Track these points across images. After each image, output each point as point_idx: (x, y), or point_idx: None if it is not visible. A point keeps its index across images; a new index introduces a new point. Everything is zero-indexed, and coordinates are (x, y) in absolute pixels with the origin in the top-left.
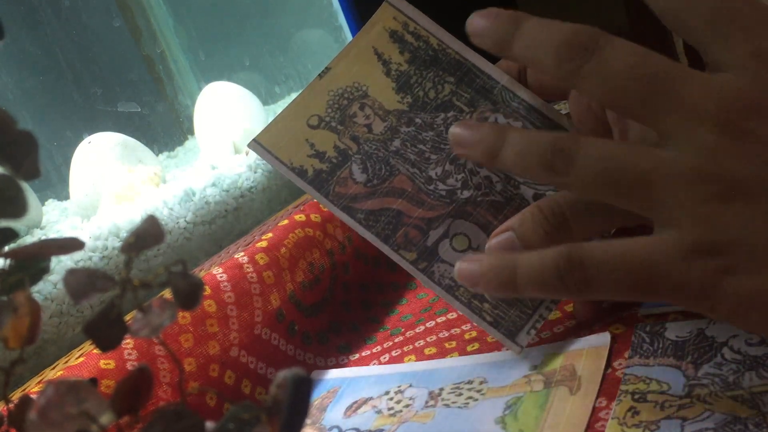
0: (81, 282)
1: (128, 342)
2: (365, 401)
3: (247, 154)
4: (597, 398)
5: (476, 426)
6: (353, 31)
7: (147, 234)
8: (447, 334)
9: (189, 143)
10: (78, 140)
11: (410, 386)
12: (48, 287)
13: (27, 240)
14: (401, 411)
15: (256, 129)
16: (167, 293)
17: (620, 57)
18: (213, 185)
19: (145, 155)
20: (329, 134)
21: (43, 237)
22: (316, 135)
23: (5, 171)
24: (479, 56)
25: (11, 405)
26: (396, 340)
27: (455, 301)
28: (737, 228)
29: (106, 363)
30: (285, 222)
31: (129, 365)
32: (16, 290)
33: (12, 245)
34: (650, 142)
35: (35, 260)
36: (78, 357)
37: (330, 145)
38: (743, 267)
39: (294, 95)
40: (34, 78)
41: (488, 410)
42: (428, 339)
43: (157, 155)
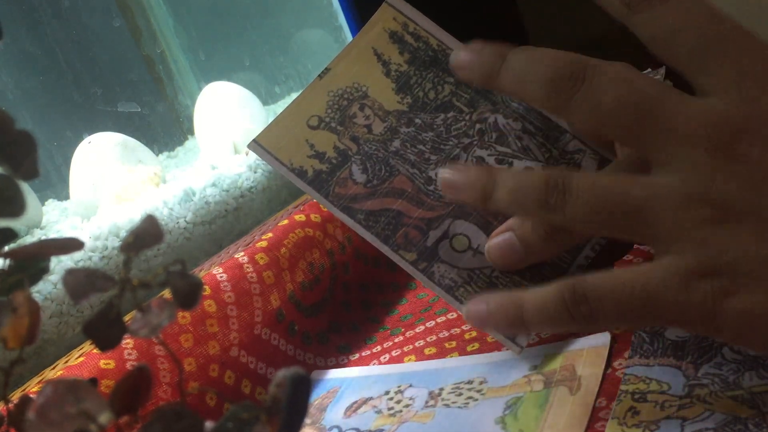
0: (81, 282)
1: (128, 342)
2: (365, 401)
3: (247, 154)
4: (597, 398)
5: (476, 426)
6: (353, 31)
7: (146, 234)
8: (447, 334)
9: (189, 143)
10: (78, 140)
11: (410, 386)
12: (48, 287)
13: (27, 240)
14: (401, 411)
15: (256, 129)
16: (167, 293)
17: (609, 86)
18: (213, 185)
19: (145, 155)
20: (329, 135)
21: (43, 237)
22: (316, 135)
23: (4, 171)
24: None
25: (11, 405)
26: (396, 340)
27: (455, 301)
28: (733, 249)
29: (106, 363)
30: (285, 222)
31: (129, 365)
32: (16, 290)
33: (12, 245)
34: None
35: (35, 260)
36: (78, 357)
37: (330, 146)
38: (742, 287)
39: (294, 95)
40: (34, 78)
41: (488, 410)
42: (428, 339)
43: (157, 155)
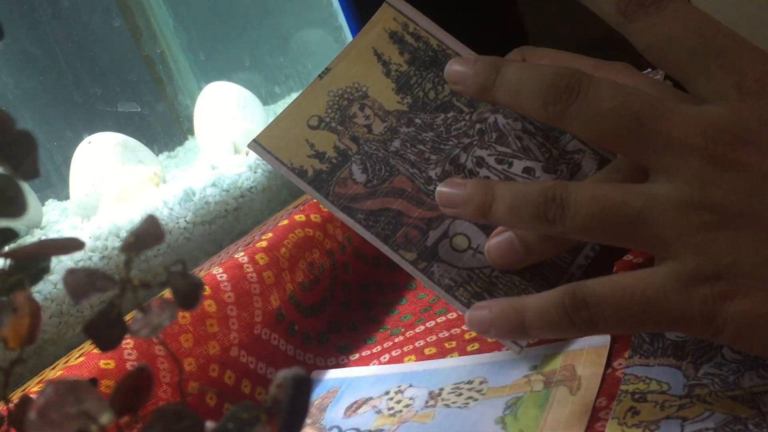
0: (81, 282)
1: (128, 342)
2: (365, 401)
3: (247, 154)
4: (597, 398)
5: (476, 426)
6: (353, 31)
7: (147, 234)
8: (447, 334)
9: (189, 143)
10: (78, 140)
11: (410, 386)
12: (48, 287)
13: (27, 240)
14: (401, 411)
15: (256, 129)
16: (167, 293)
17: (605, 97)
18: (213, 185)
19: (145, 155)
20: (329, 135)
21: (43, 237)
22: (316, 135)
23: (5, 171)
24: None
25: (11, 405)
26: (396, 340)
27: (455, 301)
28: (732, 253)
29: (106, 363)
30: (285, 222)
31: (129, 365)
32: (16, 290)
33: (12, 245)
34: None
35: (35, 260)
36: (78, 357)
37: (330, 146)
38: (742, 291)
39: (294, 95)
40: (34, 78)
41: (488, 410)
42: (428, 339)
43: (157, 155)
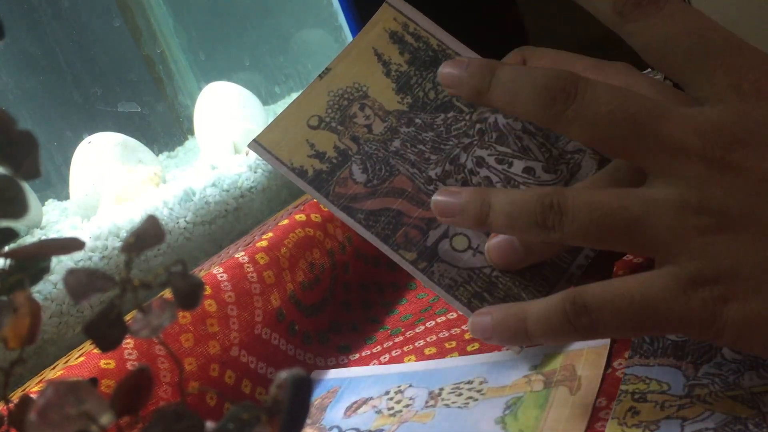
0: (81, 282)
1: (128, 342)
2: (365, 401)
3: (247, 154)
4: (597, 398)
5: (476, 426)
6: (353, 31)
7: (147, 234)
8: (447, 334)
9: (189, 143)
10: (78, 140)
11: (410, 386)
12: (48, 287)
13: (27, 240)
14: (401, 411)
15: (256, 129)
16: (167, 293)
17: (601, 100)
18: (213, 185)
19: (145, 155)
20: (329, 134)
21: (43, 237)
22: (317, 135)
23: (5, 171)
24: (479, 57)
25: (11, 405)
26: (396, 340)
27: (455, 301)
28: (730, 257)
29: (107, 363)
30: (285, 222)
31: (129, 365)
32: (16, 290)
33: (12, 245)
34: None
35: (35, 260)
36: (78, 357)
37: (330, 146)
38: (741, 293)
39: (294, 95)
40: (34, 78)
41: (488, 410)
42: (428, 339)
43: (157, 155)
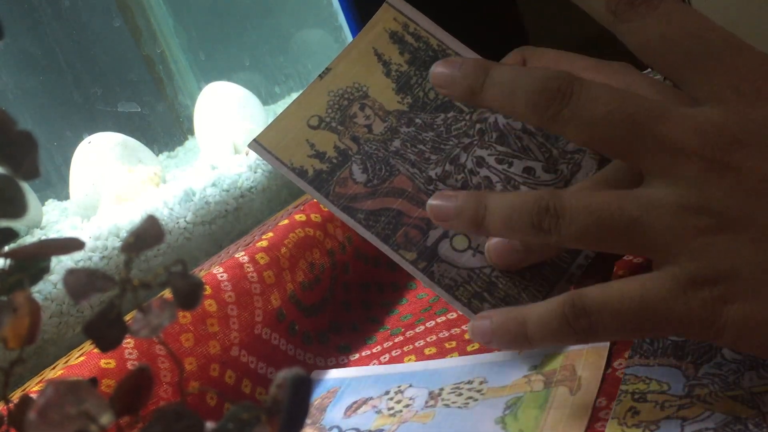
0: (81, 282)
1: (129, 341)
2: (365, 401)
3: (247, 154)
4: (597, 398)
5: (476, 426)
6: (353, 31)
7: (147, 234)
8: (447, 334)
9: (189, 143)
10: (78, 140)
11: (410, 386)
12: (48, 287)
13: (27, 240)
14: (401, 411)
15: (256, 129)
16: (167, 293)
17: (598, 101)
18: (213, 185)
19: (145, 155)
20: (329, 134)
21: (43, 237)
22: (317, 135)
23: (5, 171)
24: (479, 57)
25: (11, 405)
26: (396, 340)
27: (455, 301)
28: (730, 258)
29: (107, 362)
30: (285, 222)
31: (130, 365)
32: (16, 290)
33: (12, 245)
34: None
35: (35, 260)
36: (78, 357)
37: (330, 146)
38: (740, 295)
39: (294, 95)
40: (34, 78)
41: (488, 410)
42: (428, 339)
43: (157, 155)
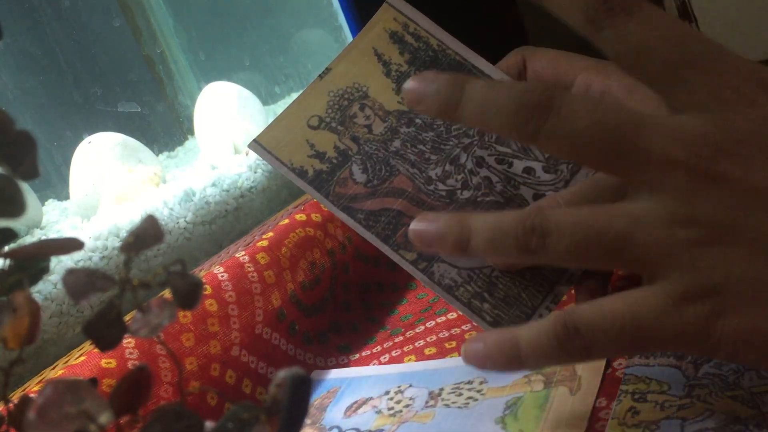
0: (81, 282)
1: (129, 341)
2: (365, 401)
3: (247, 154)
4: (597, 398)
5: (476, 426)
6: (353, 31)
7: (146, 234)
8: (447, 334)
9: (189, 143)
10: (78, 140)
11: (410, 386)
12: (48, 287)
13: (27, 240)
14: (401, 411)
15: (256, 129)
16: (167, 293)
17: (580, 113)
18: (213, 185)
19: (145, 155)
20: (329, 135)
21: (43, 237)
22: (317, 135)
23: (4, 171)
24: (479, 57)
25: (11, 405)
26: (396, 340)
27: (455, 301)
28: (721, 270)
29: (108, 362)
30: (286, 221)
31: (130, 364)
32: (16, 290)
33: (12, 245)
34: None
35: (35, 260)
36: (78, 356)
37: (330, 146)
38: (735, 307)
39: (294, 95)
40: (34, 78)
41: (488, 410)
42: (428, 339)
43: (157, 155)
